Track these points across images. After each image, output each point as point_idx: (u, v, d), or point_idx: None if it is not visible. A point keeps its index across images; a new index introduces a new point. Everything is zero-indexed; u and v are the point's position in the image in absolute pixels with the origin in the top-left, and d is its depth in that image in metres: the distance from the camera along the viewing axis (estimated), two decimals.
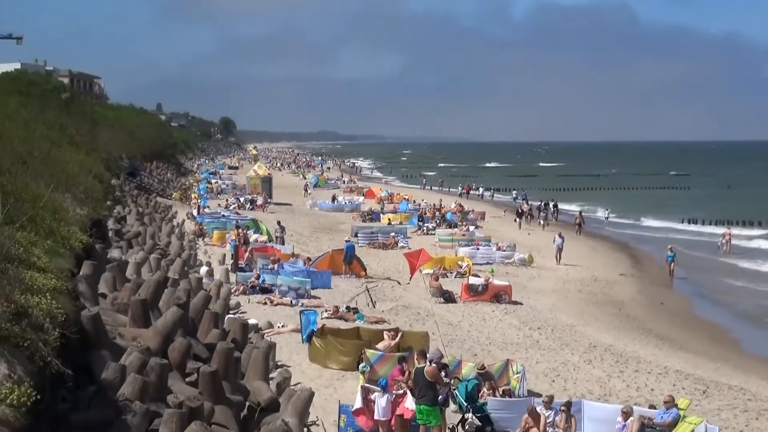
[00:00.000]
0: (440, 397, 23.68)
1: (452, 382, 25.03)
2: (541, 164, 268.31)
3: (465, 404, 24.81)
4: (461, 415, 24.74)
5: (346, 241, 54.04)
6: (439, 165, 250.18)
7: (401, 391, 22.75)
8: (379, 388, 23.18)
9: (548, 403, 24.37)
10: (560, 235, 63.29)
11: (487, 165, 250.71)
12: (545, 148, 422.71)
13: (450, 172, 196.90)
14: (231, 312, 33.94)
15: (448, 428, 23.75)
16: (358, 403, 24.20)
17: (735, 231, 79.81)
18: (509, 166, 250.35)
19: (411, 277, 45.44)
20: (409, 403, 22.35)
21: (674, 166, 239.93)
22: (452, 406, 24.90)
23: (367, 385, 24.53)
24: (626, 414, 24.07)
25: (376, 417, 22.86)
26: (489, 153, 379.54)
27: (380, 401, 22.88)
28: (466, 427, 24.41)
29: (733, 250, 72.94)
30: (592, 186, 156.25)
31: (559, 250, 59.91)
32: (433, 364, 23.94)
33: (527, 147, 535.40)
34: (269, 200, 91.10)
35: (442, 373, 23.84)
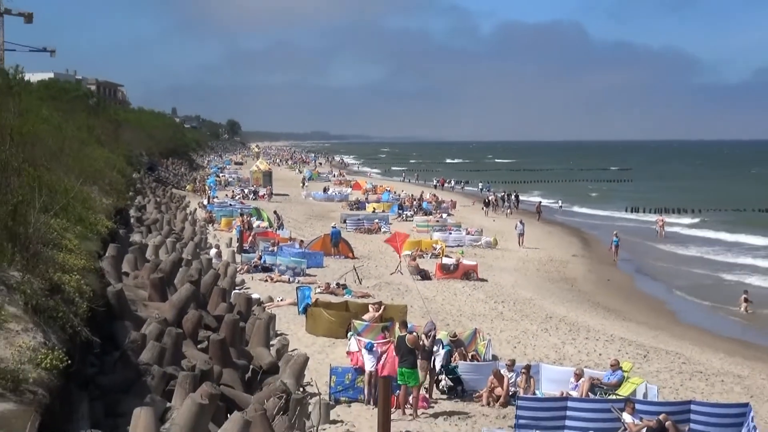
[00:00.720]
0: (433, 358, 24.10)
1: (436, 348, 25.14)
2: (496, 160, 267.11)
3: (442, 367, 24.94)
4: (436, 377, 24.90)
5: (333, 227, 54.03)
6: (411, 161, 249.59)
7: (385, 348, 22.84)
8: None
9: (510, 366, 24.48)
10: (521, 222, 63.61)
11: (452, 161, 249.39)
12: (499, 149, 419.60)
13: (420, 167, 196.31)
14: (237, 288, 33.91)
15: (425, 387, 23.82)
16: (353, 347, 24.56)
17: (669, 219, 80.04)
18: (470, 162, 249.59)
19: (400, 257, 46.07)
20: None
21: (618, 162, 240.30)
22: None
23: (359, 338, 24.87)
24: (578, 375, 24.19)
25: (365, 370, 22.98)
26: (456, 150, 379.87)
27: (367, 356, 22.99)
28: (441, 387, 24.54)
29: (667, 234, 73.22)
30: (548, 179, 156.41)
31: (521, 235, 59.92)
32: (415, 333, 24.12)
33: (492, 145, 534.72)
34: (280, 193, 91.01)
35: (426, 341, 24.05)
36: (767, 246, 66.45)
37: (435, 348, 25.34)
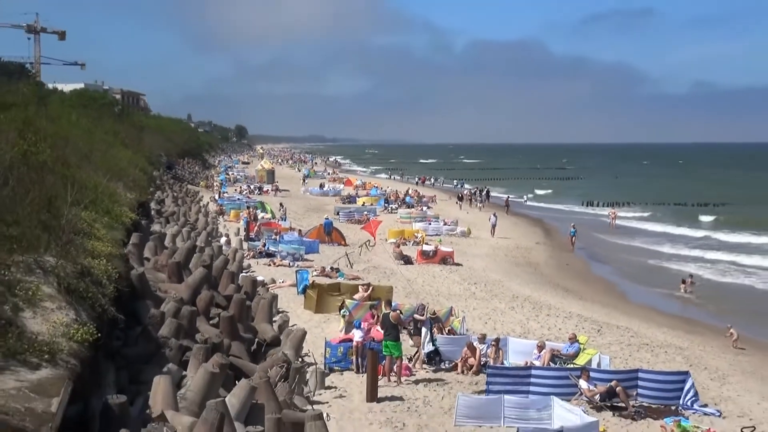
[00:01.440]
0: (424, 329, 24.33)
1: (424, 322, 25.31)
2: (465, 160, 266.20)
3: (395, 343, 25.06)
4: (416, 348, 24.98)
5: (326, 218, 54.05)
6: (390, 160, 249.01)
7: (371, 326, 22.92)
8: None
9: (482, 339, 24.53)
10: (494, 215, 63.58)
11: (425, 161, 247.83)
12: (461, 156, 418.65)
13: (400, 165, 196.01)
14: (243, 271, 33.92)
15: (407, 358, 23.86)
16: (344, 331, 24.66)
17: (620, 213, 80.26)
18: (442, 161, 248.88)
19: (375, 240, 47.12)
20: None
21: (576, 162, 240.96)
22: (409, 341, 25.01)
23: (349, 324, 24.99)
24: (540, 347, 24.27)
25: (355, 339, 23.06)
26: (433, 151, 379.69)
27: (356, 333, 23.03)
28: (421, 358, 24.61)
29: (618, 225, 73.48)
30: (514, 176, 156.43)
31: (493, 226, 59.80)
32: (398, 311, 24.20)
33: (466, 147, 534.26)
34: (282, 188, 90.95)
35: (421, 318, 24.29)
36: (705, 237, 66.88)
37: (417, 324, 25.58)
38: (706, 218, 77.19)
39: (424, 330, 24.43)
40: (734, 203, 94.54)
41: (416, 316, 24.97)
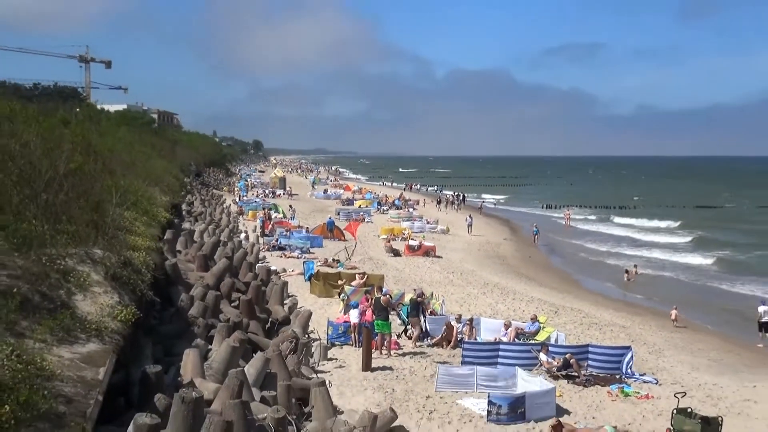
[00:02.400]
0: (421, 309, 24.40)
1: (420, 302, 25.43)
2: (437, 170, 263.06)
3: (406, 319, 25.01)
4: (404, 326, 24.98)
5: (328, 218, 54.01)
6: (377, 169, 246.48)
7: (366, 308, 22.88)
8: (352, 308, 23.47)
9: (458, 319, 24.54)
10: (470, 216, 63.90)
11: (404, 170, 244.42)
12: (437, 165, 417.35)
13: (385, 174, 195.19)
14: (260, 262, 33.88)
15: (396, 335, 23.89)
16: (342, 313, 24.62)
17: (573, 215, 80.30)
18: (417, 170, 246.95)
19: (356, 237, 46.66)
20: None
21: (537, 171, 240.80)
22: (397, 321, 25.04)
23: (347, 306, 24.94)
24: (507, 326, 24.31)
25: (351, 322, 23.07)
26: (415, 162, 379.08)
27: (353, 314, 23.03)
28: (407, 334, 24.61)
29: (572, 225, 73.58)
30: (486, 183, 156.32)
31: (469, 225, 59.66)
32: (388, 296, 24.29)
33: (445, 159, 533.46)
34: (292, 193, 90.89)
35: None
36: (644, 235, 66.94)
37: (399, 307, 25.66)
38: (646, 222, 77.16)
39: (422, 313, 24.57)
40: (670, 207, 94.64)
41: (418, 299, 25.09)
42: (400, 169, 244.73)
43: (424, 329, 24.26)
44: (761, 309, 28.70)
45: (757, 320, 28.70)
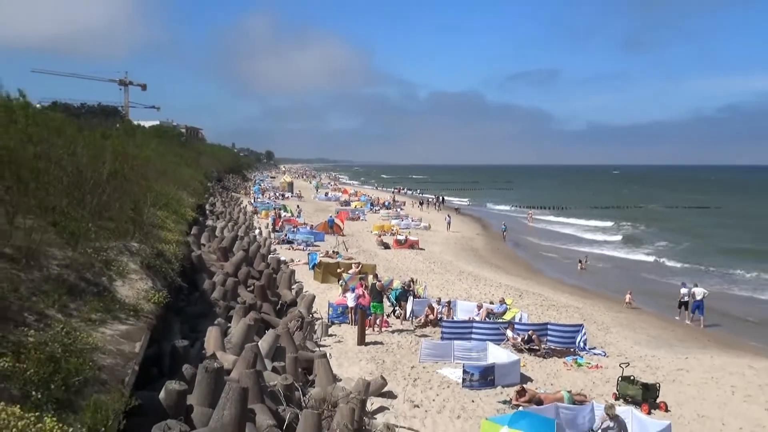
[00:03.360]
0: (410, 297, 24.59)
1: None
2: (414, 176, 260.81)
3: (395, 302, 25.02)
4: (393, 308, 24.99)
5: (329, 217, 53.93)
6: (363, 175, 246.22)
7: (360, 292, 22.86)
8: (350, 291, 23.44)
9: (438, 302, 24.57)
10: (449, 215, 64.37)
11: (386, 176, 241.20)
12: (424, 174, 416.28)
13: (369, 178, 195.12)
14: (271, 253, 33.86)
15: (386, 315, 23.90)
16: (341, 296, 24.57)
17: (535, 215, 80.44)
18: (396, 177, 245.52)
19: (343, 224, 48.08)
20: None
21: (504, 177, 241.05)
22: (387, 303, 25.03)
23: (345, 291, 24.87)
24: (479, 307, 24.30)
25: (348, 305, 23.06)
26: (400, 170, 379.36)
27: (350, 297, 23.04)
28: (396, 314, 24.63)
29: (534, 223, 73.71)
30: (461, 188, 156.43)
31: (448, 223, 59.65)
32: (381, 282, 24.33)
33: (426, 167, 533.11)
34: (299, 195, 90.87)
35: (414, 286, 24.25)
36: (595, 232, 67.23)
37: (388, 292, 25.70)
38: (596, 222, 77.30)
39: (410, 298, 24.62)
40: (615, 208, 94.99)
41: (405, 286, 25.20)
42: (383, 175, 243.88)
43: (410, 310, 24.34)
44: (683, 291, 28.96)
45: (678, 300, 28.98)
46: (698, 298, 28.17)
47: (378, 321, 22.70)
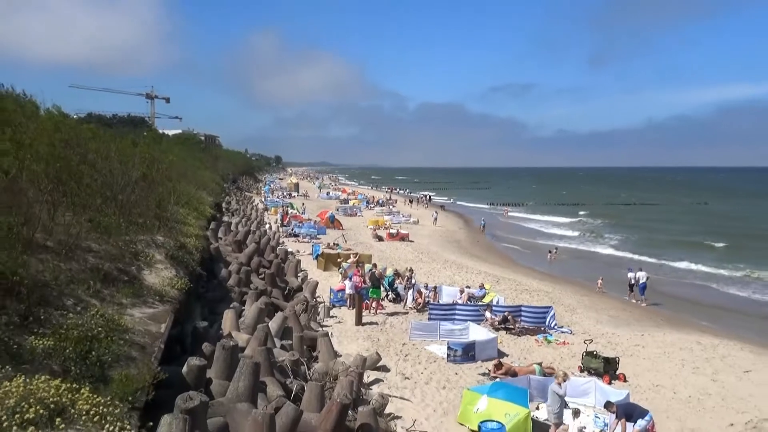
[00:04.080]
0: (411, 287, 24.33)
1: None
2: (399, 177, 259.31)
3: (388, 287, 25.02)
4: (386, 293, 24.99)
5: (330, 213, 53.90)
6: (360, 176, 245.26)
7: (357, 280, 22.90)
8: (348, 280, 23.45)
9: (426, 287, 24.63)
10: (436, 212, 64.35)
11: (376, 177, 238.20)
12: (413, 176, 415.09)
13: (364, 179, 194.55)
14: (280, 245, 33.83)
15: (380, 299, 23.92)
16: (340, 283, 24.59)
17: (511, 212, 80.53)
18: (381, 178, 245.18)
19: (342, 228, 47.22)
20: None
21: (483, 178, 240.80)
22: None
23: (344, 278, 24.88)
24: (461, 291, 24.38)
25: (347, 291, 23.07)
26: (390, 172, 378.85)
27: (348, 284, 23.06)
28: (389, 297, 24.63)
29: (510, 217, 73.74)
30: (444, 188, 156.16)
31: (435, 219, 59.65)
32: (379, 270, 24.41)
33: (415, 170, 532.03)
34: (305, 195, 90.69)
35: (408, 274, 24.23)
36: (562, 227, 67.27)
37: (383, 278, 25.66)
38: (563, 218, 77.35)
39: (411, 288, 24.58)
40: (580, 205, 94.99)
41: (375, 272, 25.15)
42: (372, 177, 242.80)
43: (405, 296, 24.32)
44: (629, 275, 29.40)
45: (627, 283, 29.39)
46: (642, 281, 28.62)
47: (374, 304, 22.75)
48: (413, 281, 25.35)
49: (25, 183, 10.25)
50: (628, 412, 12.57)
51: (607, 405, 12.96)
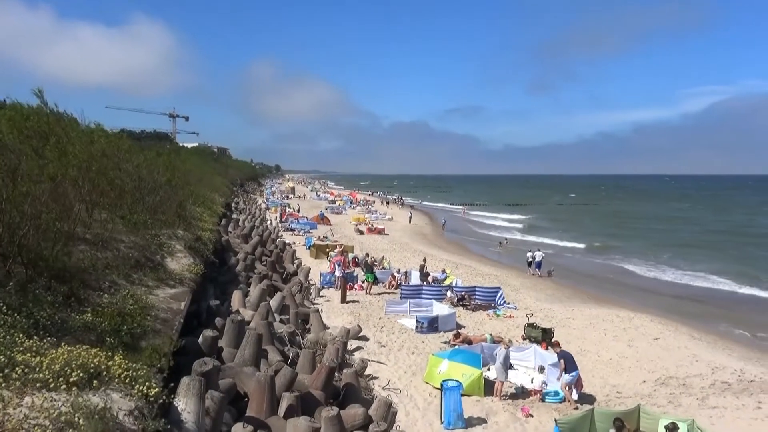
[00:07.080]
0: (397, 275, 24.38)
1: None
2: (395, 183, 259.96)
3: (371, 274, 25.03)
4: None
5: (321, 211, 53.71)
6: (344, 182, 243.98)
7: (341, 265, 22.87)
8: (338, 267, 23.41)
9: (398, 272, 24.69)
10: (410, 211, 64.02)
11: (364, 183, 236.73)
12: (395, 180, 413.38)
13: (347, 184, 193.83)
14: (279, 238, 33.63)
15: (362, 282, 23.90)
16: (329, 266, 24.55)
17: (470, 212, 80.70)
18: (370, 183, 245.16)
19: (330, 224, 46.67)
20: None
21: (442, 183, 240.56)
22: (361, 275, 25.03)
23: (334, 262, 24.84)
24: (427, 275, 24.42)
25: (336, 274, 23.04)
26: (369, 178, 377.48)
27: (337, 270, 23.03)
28: (371, 280, 24.63)
29: (468, 215, 73.95)
30: (413, 190, 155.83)
31: (410, 217, 59.45)
32: (372, 258, 24.45)
33: (392, 177, 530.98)
34: (300, 196, 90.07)
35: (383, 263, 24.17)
36: (513, 220, 67.58)
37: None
38: (510, 215, 77.73)
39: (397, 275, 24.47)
40: (524, 206, 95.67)
41: (368, 260, 25.15)
42: (362, 183, 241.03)
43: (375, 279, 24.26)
44: (528, 254, 31.23)
45: (526, 261, 31.06)
46: (538, 259, 30.43)
47: (365, 285, 22.80)
48: (386, 267, 25.47)
49: (67, 187, 10.12)
50: (567, 359, 12.86)
51: (553, 345, 13.45)
